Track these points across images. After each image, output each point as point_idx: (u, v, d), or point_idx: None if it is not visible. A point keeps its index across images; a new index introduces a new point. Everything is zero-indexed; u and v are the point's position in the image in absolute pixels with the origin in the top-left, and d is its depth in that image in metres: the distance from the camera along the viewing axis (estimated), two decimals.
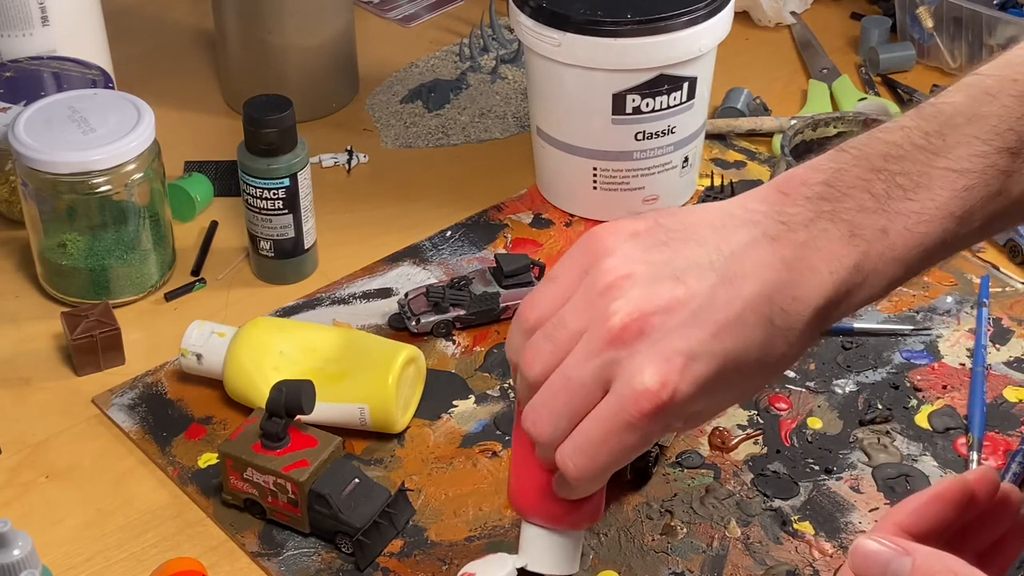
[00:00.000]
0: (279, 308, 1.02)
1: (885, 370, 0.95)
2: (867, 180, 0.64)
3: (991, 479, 0.61)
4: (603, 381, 0.63)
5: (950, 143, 0.64)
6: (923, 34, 1.29)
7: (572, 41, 1.01)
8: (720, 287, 0.62)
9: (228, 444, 0.84)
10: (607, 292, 0.63)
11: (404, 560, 0.82)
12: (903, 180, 0.64)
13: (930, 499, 0.59)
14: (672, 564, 0.82)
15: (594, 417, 0.64)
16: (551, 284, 0.67)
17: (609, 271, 0.64)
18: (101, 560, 0.83)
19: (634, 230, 0.65)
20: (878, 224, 0.63)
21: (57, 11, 1.12)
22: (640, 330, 0.62)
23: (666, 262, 0.63)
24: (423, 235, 1.09)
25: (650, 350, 0.62)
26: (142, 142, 0.98)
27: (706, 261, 0.63)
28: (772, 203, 0.64)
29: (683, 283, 0.62)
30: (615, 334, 0.62)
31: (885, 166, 0.64)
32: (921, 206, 0.64)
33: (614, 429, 0.63)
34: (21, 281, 1.05)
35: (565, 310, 0.65)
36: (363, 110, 1.25)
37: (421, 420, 0.92)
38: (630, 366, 0.62)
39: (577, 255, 0.66)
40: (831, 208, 0.63)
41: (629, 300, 0.62)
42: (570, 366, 0.64)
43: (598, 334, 0.63)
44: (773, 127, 1.19)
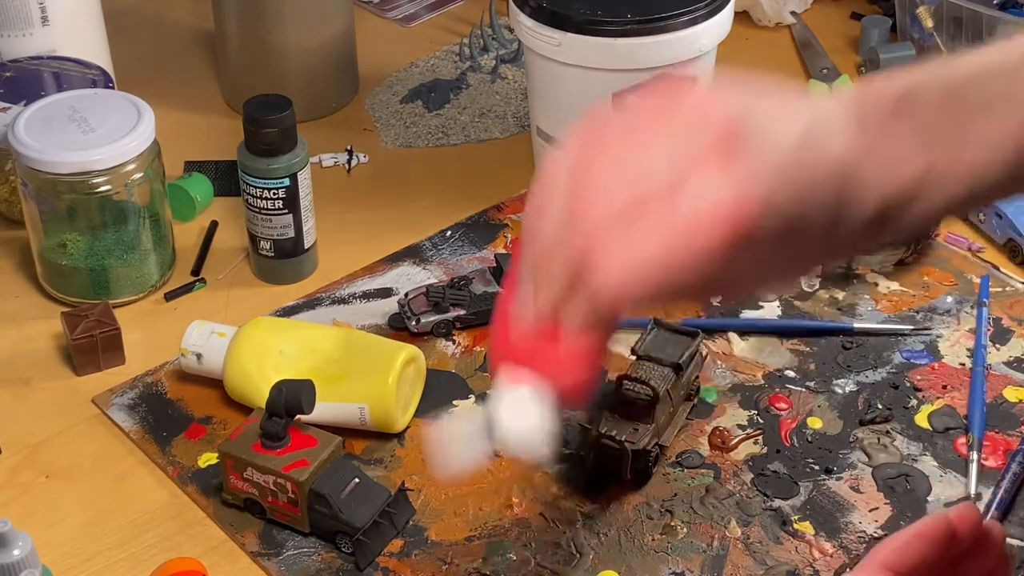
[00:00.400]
0: (279, 308, 1.02)
1: (885, 370, 0.95)
2: (944, 95, 0.63)
3: (973, 516, 0.61)
4: (679, 181, 0.57)
5: None
6: (923, 34, 1.29)
7: (572, 41, 1.01)
8: (812, 134, 0.59)
9: (228, 444, 0.84)
10: (703, 107, 0.60)
11: (404, 560, 0.82)
12: (979, 104, 0.63)
13: (912, 537, 0.60)
14: (672, 564, 0.82)
15: (656, 221, 0.57)
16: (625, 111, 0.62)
17: (707, 93, 0.61)
18: (101, 560, 0.83)
19: (732, 83, 0.63)
20: (949, 138, 0.63)
21: (57, 11, 1.12)
22: (735, 130, 0.58)
23: (763, 97, 0.61)
24: (423, 235, 1.09)
25: (739, 167, 0.57)
26: (142, 142, 0.98)
27: (804, 107, 0.61)
28: (849, 107, 0.63)
29: (781, 104, 0.61)
30: (711, 137, 0.58)
31: (964, 87, 0.63)
32: (993, 129, 0.63)
33: (679, 236, 0.56)
34: (21, 281, 1.05)
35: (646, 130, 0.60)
36: (363, 110, 1.25)
37: (421, 420, 0.92)
38: (718, 177, 0.57)
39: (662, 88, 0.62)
40: (907, 115, 0.63)
41: (731, 111, 0.59)
42: (648, 158, 0.58)
43: (691, 134, 0.58)
44: None
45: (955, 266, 1.04)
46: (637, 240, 0.56)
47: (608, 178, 0.58)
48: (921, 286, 1.02)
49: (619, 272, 0.56)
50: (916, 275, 1.03)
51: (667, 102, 0.60)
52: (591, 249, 0.57)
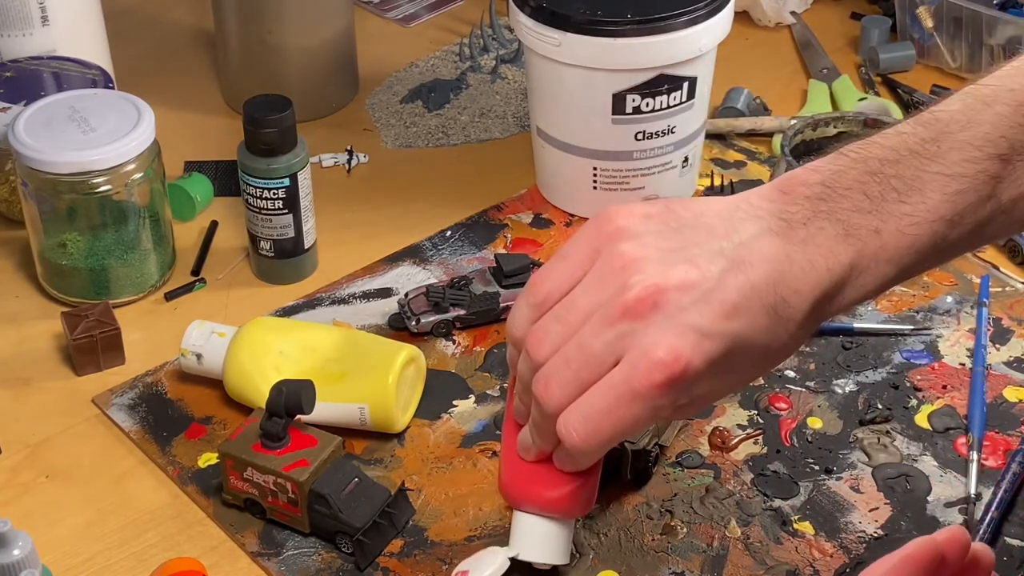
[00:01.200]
0: (279, 308, 1.02)
1: (885, 370, 0.95)
2: (863, 182, 0.66)
3: (961, 540, 0.62)
4: (616, 352, 0.65)
5: (944, 149, 0.67)
6: (923, 34, 1.29)
7: (572, 41, 1.01)
8: (730, 272, 0.64)
9: (228, 444, 0.84)
10: (622, 271, 0.65)
11: (404, 560, 0.82)
12: (897, 183, 0.66)
13: (900, 561, 0.61)
14: (672, 564, 0.82)
15: (603, 385, 0.66)
16: (562, 261, 0.68)
17: (624, 253, 0.66)
18: (101, 560, 0.83)
19: (647, 213, 0.67)
20: (872, 224, 0.66)
21: (57, 11, 1.12)
22: (656, 303, 0.64)
23: (679, 247, 0.66)
24: (423, 235, 1.09)
25: (665, 323, 0.64)
26: (142, 142, 0.98)
27: (717, 248, 0.65)
28: (774, 200, 0.67)
29: (696, 265, 0.65)
30: (631, 306, 0.64)
31: (881, 169, 0.67)
32: (913, 208, 0.66)
33: (623, 398, 0.65)
34: (21, 281, 1.05)
35: (576, 291, 0.67)
36: (363, 110, 1.25)
37: (421, 420, 0.92)
38: (644, 338, 0.64)
39: (590, 235, 0.68)
40: (828, 208, 0.66)
41: (646, 275, 0.65)
42: (584, 335, 0.66)
43: (614, 306, 0.65)
44: (773, 127, 1.19)
45: (955, 266, 1.04)
46: (592, 405, 0.66)
47: (552, 332, 0.67)
48: (921, 286, 1.02)
49: (584, 438, 0.66)
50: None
51: (598, 250, 0.67)
52: (557, 413, 0.67)
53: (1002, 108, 0.67)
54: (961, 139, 0.66)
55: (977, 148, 0.66)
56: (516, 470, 0.72)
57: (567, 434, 0.67)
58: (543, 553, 0.73)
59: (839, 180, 0.66)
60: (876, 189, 0.66)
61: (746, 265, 0.64)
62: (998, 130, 0.66)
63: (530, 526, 0.73)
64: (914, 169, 0.66)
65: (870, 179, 0.66)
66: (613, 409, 0.65)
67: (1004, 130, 0.66)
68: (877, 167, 0.66)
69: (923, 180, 0.66)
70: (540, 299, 0.68)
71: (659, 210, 0.67)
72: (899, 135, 0.68)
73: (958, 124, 0.67)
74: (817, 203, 0.66)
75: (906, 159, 0.66)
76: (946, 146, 0.66)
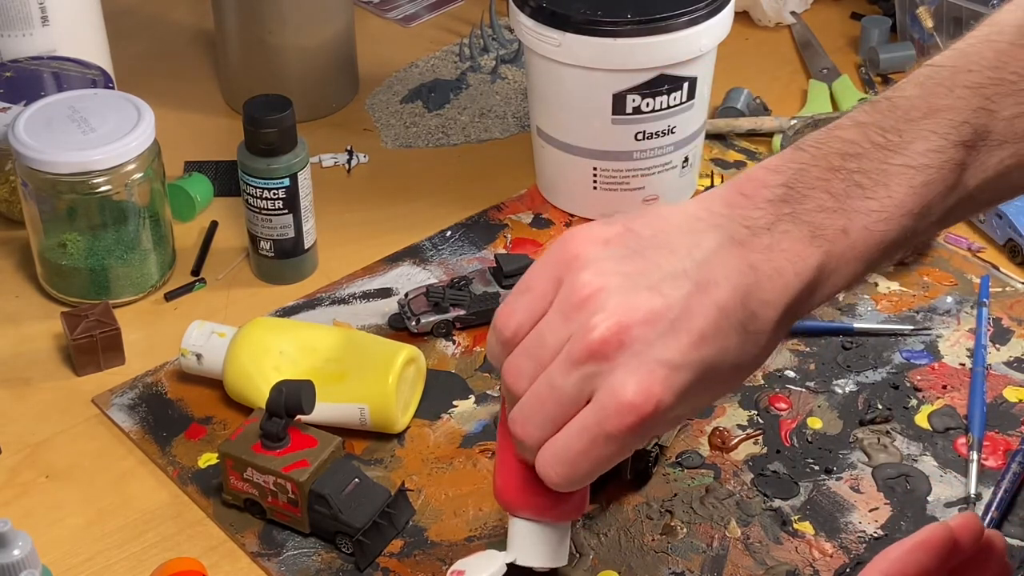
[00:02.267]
0: (279, 308, 1.02)
1: (885, 370, 0.95)
2: (826, 180, 0.64)
3: (974, 526, 0.61)
4: (586, 392, 0.64)
5: (907, 139, 0.65)
6: (923, 34, 1.29)
7: (572, 41, 1.01)
8: (695, 296, 0.63)
9: (228, 444, 0.84)
10: (584, 305, 0.63)
11: (404, 560, 0.82)
12: (861, 178, 0.64)
13: (913, 547, 0.60)
14: (672, 564, 0.82)
15: (575, 427, 0.64)
16: (526, 295, 0.67)
17: (584, 284, 0.64)
18: (101, 560, 0.83)
19: (605, 237, 0.65)
20: (838, 224, 0.64)
21: (57, 11, 1.12)
22: (620, 343, 0.62)
23: (640, 272, 0.64)
24: (423, 235, 1.09)
25: (631, 362, 0.62)
26: (142, 142, 0.98)
27: (680, 269, 0.63)
28: (734, 206, 0.65)
29: (659, 293, 0.63)
30: (595, 348, 0.63)
31: (843, 164, 0.65)
32: (880, 204, 0.64)
33: (596, 440, 0.64)
34: (21, 281, 1.05)
35: (542, 325, 0.65)
36: (363, 110, 1.25)
37: (421, 420, 0.92)
38: (612, 379, 0.63)
39: (549, 265, 0.66)
40: (791, 210, 0.64)
41: (608, 314, 0.63)
42: (553, 375, 0.65)
43: (579, 347, 0.63)
44: (773, 127, 1.19)
45: (955, 266, 1.04)
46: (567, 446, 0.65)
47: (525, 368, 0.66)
48: (921, 286, 1.02)
49: (564, 476, 0.66)
50: (916, 275, 1.03)
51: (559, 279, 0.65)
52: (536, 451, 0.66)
53: (962, 92, 0.65)
54: (924, 127, 0.65)
55: (941, 137, 0.64)
56: (509, 477, 0.71)
57: (547, 475, 0.66)
58: (541, 557, 0.73)
59: (801, 179, 0.64)
60: (840, 186, 0.64)
61: (711, 286, 0.62)
62: (960, 115, 0.64)
63: (527, 531, 0.73)
64: (877, 162, 0.64)
65: (833, 176, 0.64)
66: (588, 450, 0.64)
67: (967, 115, 0.65)
68: (839, 162, 0.65)
69: (888, 174, 0.64)
70: (509, 335, 0.67)
71: (618, 232, 0.65)
72: (858, 125, 0.66)
73: (919, 111, 0.65)
74: (780, 206, 0.64)
75: (868, 152, 0.65)
76: (908, 136, 0.65)
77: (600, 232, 0.65)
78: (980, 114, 0.65)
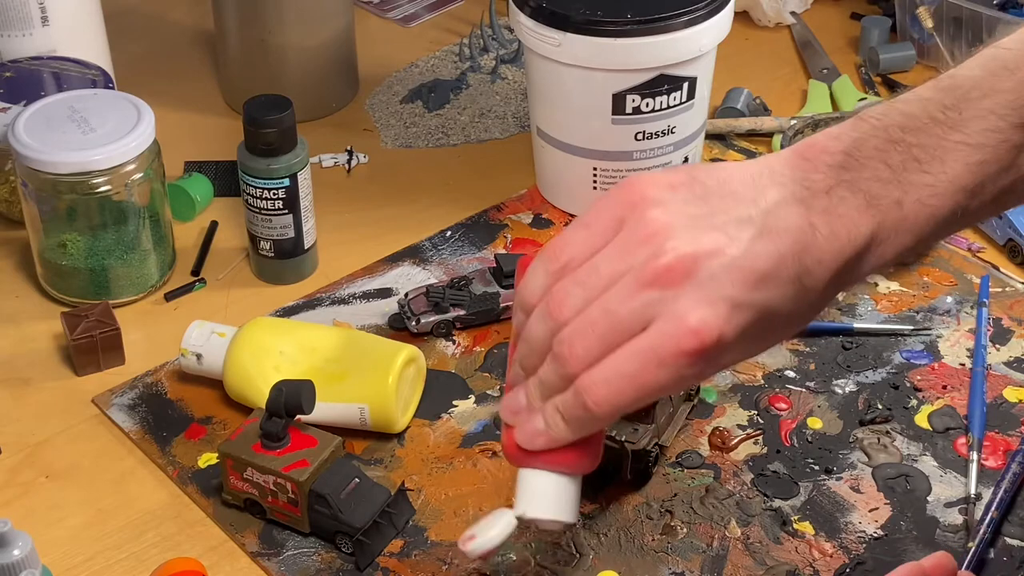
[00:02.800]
0: (279, 308, 1.02)
1: (885, 370, 0.95)
2: (884, 151, 0.65)
3: (948, 565, 0.62)
4: (645, 318, 0.64)
5: (966, 117, 0.65)
6: (923, 34, 1.29)
7: (572, 41, 1.01)
8: (759, 239, 0.64)
9: (228, 444, 0.84)
10: (651, 239, 0.64)
11: (404, 560, 0.82)
12: (919, 152, 0.65)
13: None
14: (672, 564, 0.82)
15: (631, 349, 0.64)
16: (584, 229, 0.67)
17: (652, 220, 0.65)
18: (101, 560, 0.83)
19: (671, 182, 0.66)
20: (893, 195, 0.65)
21: (57, 11, 1.12)
22: (687, 271, 0.63)
23: (707, 215, 0.65)
24: (423, 235, 1.09)
25: (697, 292, 0.63)
26: (142, 142, 0.98)
27: (745, 215, 0.64)
28: (796, 167, 0.66)
29: (726, 233, 0.64)
30: (662, 272, 0.63)
31: (903, 137, 0.65)
32: (934, 179, 0.65)
33: (650, 363, 0.64)
34: (21, 281, 1.05)
35: (600, 257, 0.66)
36: (363, 110, 1.25)
37: (421, 420, 0.92)
38: (677, 305, 0.63)
39: (613, 204, 0.66)
40: (850, 177, 0.65)
41: (679, 242, 0.64)
42: (611, 300, 0.65)
43: (645, 271, 0.64)
44: (773, 127, 1.19)
45: (955, 266, 1.04)
46: (617, 368, 0.64)
47: (574, 295, 0.66)
48: (921, 286, 1.02)
49: (605, 400, 0.65)
50: (916, 275, 1.03)
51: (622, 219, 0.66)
52: (578, 374, 0.65)
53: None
54: (984, 107, 0.65)
55: (1000, 117, 0.65)
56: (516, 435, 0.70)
57: (587, 396, 0.65)
58: (551, 509, 0.71)
59: (860, 148, 0.65)
60: (897, 159, 0.65)
61: (773, 233, 0.64)
62: (1021, 99, 0.65)
63: (536, 482, 0.71)
64: (935, 138, 0.65)
65: (891, 148, 0.65)
66: (638, 374, 0.64)
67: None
68: (899, 135, 0.65)
69: (944, 150, 0.65)
70: (560, 265, 0.67)
71: (683, 179, 0.66)
72: (920, 100, 0.66)
73: (980, 91, 0.66)
74: (839, 172, 0.65)
75: (927, 127, 0.65)
76: (968, 114, 0.65)
77: (666, 177, 0.66)
78: None
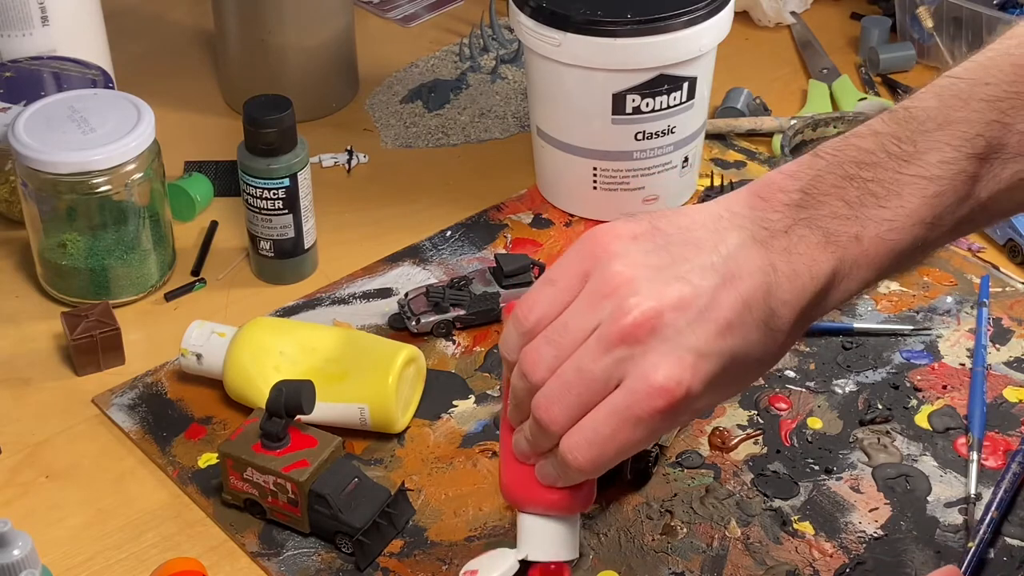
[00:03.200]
0: (279, 308, 1.02)
1: (885, 370, 0.95)
2: (841, 187, 0.66)
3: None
4: (615, 376, 0.65)
5: (921, 149, 0.66)
6: (923, 34, 1.29)
7: (572, 41, 1.01)
8: (722, 287, 0.64)
9: (228, 444, 0.84)
10: (615, 293, 0.65)
11: (404, 560, 0.82)
12: (875, 187, 0.66)
13: None
14: (672, 564, 0.82)
15: (604, 411, 0.65)
16: (550, 287, 0.67)
17: (616, 274, 0.65)
18: (101, 560, 0.83)
19: (633, 233, 0.66)
20: (852, 231, 0.66)
21: (57, 11, 1.12)
22: (653, 327, 0.64)
23: (669, 265, 0.65)
24: (423, 235, 1.09)
25: (662, 347, 0.64)
26: (142, 142, 0.98)
27: (707, 262, 0.65)
28: (753, 207, 0.66)
29: (689, 283, 0.64)
30: (628, 330, 0.64)
31: (858, 173, 0.66)
32: (893, 213, 0.66)
33: (625, 424, 0.65)
34: (21, 281, 1.05)
35: (568, 314, 0.66)
36: (363, 110, 1.25)
37: (421, 420, 0.92)
38: (644, 363, 0.64)
39: (576, 259, 0.67)
40: (807, 215, 0.66)
41: (641, 297, 0.64)
42: (583, 358, 0.65)
43: (611, 330, 0.64)
44: (773, 127, 1.19)
45: (955, 266, 1.04)
46: (596, 430, 0.65)
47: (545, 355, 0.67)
48: (921, 286, 1.02)
49: (588, 461, 0.66)
50: (916, 275, 1.03)
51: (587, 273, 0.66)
52: (559, 435, 0.67)
53: (978, 105, 0.66)
54: (938, 139, 0.66)
55: (955, 148, 0.65)
56: (516, 473, 0.72)
57: (572, 458, 0.67)
58: (552, 552, 0.74)
59: (817, 186, 0.66)
60: (855, 194, 0.66)
61: (736, 279, 0.64)
62: (975, 128, 0.65)
63: (536, 527, 0.73)
64: (891, 172, 0.66)
65: (848, 184, 0.66)
66: (616, 434, 0.65)
67: (981, 128, 0.65)
68: (855, 171, 0.66)
69: (901, 183, 0.66)
70: (530, 326, 0.67)
71: (644, 229, 0.67)
72: (875, 135, 0.67)
73: (934, 122, 0.66)
74: (797, 210, 0.66)
75: (883, 162, 0.66)
76: (923, 146, 0.66)
77: (627, 228, 0.67)
78: (994, 127, 0.66)
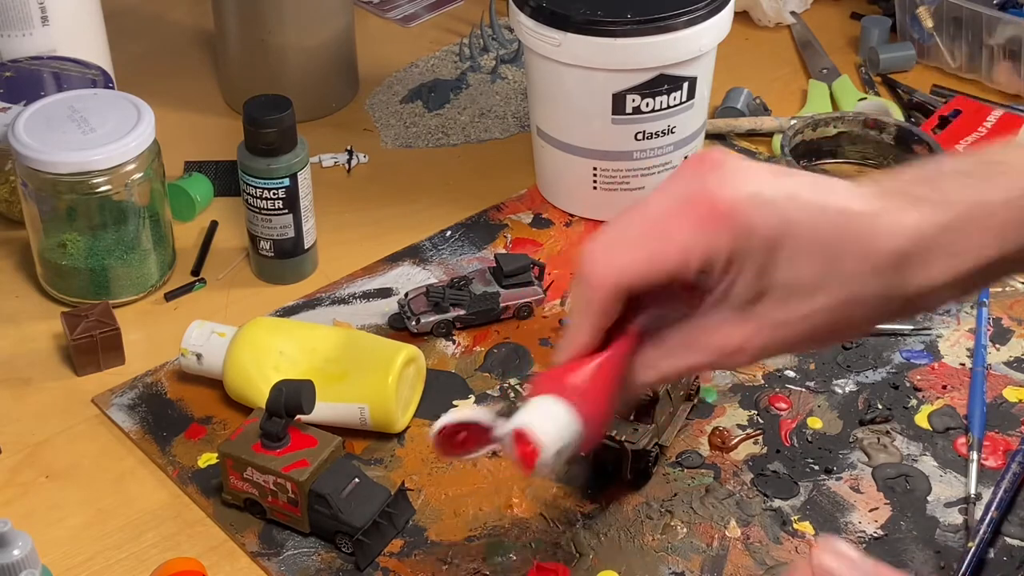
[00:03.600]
0: (279, 308, 1.02)
1: (885, 370, 0.95)
2: (964, 171, 0.65)
3: None
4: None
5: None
6: (923, 34, 1.29)
7: (572, 41, 1.01)
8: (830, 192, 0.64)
9: (228, 444, 0.84)
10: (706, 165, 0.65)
11: (404, 560, 0.82)
12: (1003, 168, 0.65)
13: None
14: (672, 564, 0.82)
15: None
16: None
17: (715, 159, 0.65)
18: (101, 560, 0.83)
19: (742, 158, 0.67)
20: (973, 196, 0.64)
21: (57, 11, 1.13)
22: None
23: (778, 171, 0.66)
24: (423, 235, 1.09)
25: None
26: (142, 142, 0.98)
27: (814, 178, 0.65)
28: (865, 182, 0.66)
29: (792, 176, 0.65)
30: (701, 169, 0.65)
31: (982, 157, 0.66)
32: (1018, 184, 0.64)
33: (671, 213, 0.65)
34: (21, 281, 1.05)
35: None
36: (363, 110, 1.25)
37: (421, 420, 0.92)
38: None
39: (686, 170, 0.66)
40: (927, 186, 0.65)
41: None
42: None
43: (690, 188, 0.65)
44: (773, 127, 1.19)
45: None
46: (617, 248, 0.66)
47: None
48: None
49: (603, 267, 0.66)
50: None
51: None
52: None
53: None
54: None
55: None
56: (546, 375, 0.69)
57: (589, 266, 0.66)
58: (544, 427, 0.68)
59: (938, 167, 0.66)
60: (981, 170, 0.65)
61: (842, 194, 0.64)
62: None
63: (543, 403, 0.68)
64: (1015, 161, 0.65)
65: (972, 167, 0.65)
66: (640, 255, 0.65)
67: None
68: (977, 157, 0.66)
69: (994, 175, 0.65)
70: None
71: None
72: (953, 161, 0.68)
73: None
74: (915, 183, 0.65)
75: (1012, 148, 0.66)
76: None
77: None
78: None
